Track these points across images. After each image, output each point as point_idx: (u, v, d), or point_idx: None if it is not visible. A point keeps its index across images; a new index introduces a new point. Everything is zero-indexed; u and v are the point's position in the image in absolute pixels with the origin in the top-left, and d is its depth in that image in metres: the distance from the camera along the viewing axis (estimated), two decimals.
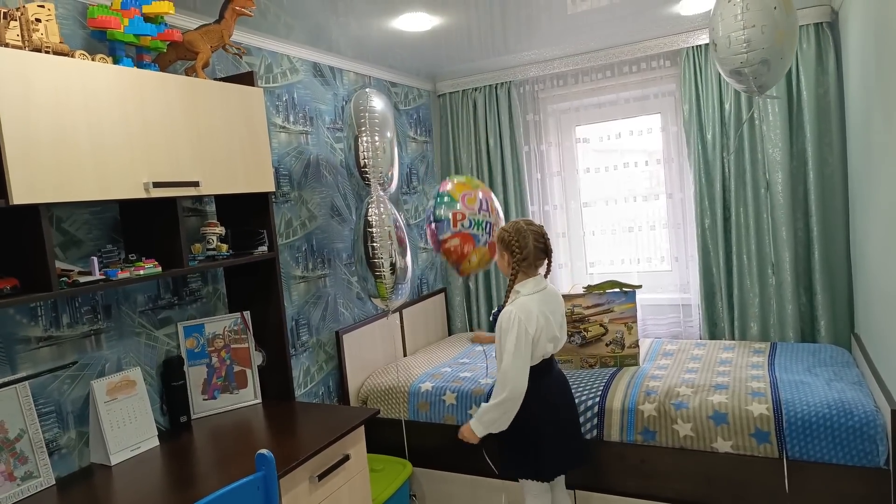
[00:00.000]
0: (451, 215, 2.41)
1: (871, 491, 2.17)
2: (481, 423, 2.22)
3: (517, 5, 2.69)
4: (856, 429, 2.19)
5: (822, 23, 3.07)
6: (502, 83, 3.92)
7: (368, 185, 2.76)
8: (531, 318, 2.17)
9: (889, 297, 2.14)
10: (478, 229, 2.41)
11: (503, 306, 2.27)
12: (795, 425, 2.29)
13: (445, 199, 2.50)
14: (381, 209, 2.74)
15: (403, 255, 2.81)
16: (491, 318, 2.50)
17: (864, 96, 2.46)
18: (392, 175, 2.82)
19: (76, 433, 1.93)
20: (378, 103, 2.77)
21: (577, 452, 2.36)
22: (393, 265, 2.73)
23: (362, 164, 2.73)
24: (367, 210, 2.75)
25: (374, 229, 2.71)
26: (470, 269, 2.77)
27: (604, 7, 2.84)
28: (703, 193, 3.45)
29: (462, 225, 2.40)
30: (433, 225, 2.44)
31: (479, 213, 2.49)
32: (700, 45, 3.38)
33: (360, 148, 2.71)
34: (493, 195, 2.61)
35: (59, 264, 1.76)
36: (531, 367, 2.20)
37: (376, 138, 2.72)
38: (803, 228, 3.26)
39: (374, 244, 2.70)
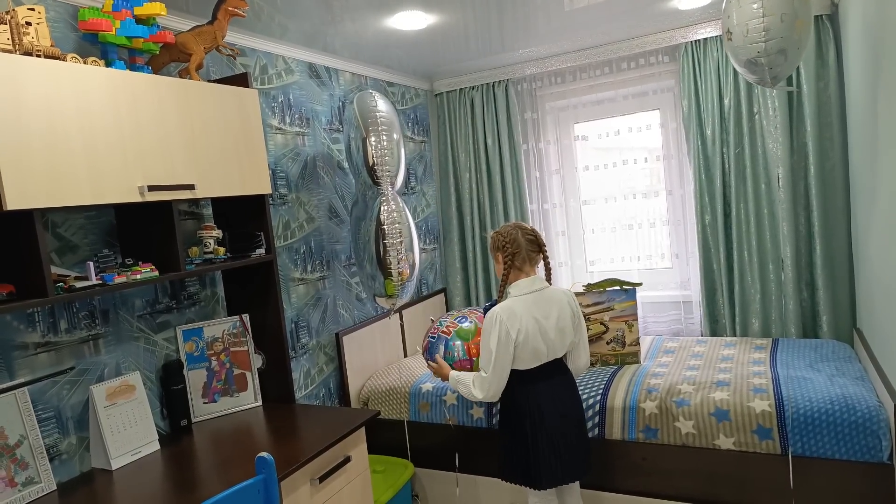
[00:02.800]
0: (465, 347, 2.48)
1: (875, 486, 2.16)
2: (453, 384, 2.31)
3: (514, 3, 2.68)
4: (859, 424, 2.18)
5: (821, 15, 3.05)
6: (500, 81, 3.91)
7: (379, 185, 2.79)
8: (514, 319, 2.11)
9: (891, 291, 2.12)
10: None
11: (497, 301, 2.25)
12: (798, 421, 2.28)
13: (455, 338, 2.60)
14: (394, 206, 2.78)
15: (412, 251, 2.85)
16: (482, 311, 2.48)
17: (864, 89, 2.45)
18: (399, 172, 2.87)
19: (76, 438, 1.92)
20: (383, 104, 2.84)
21: (578, 465, 2.22)
22: (402, 262, 2.78)
23: (371, 163, 2.76)
24: (380, 208, 2.78)
25: (386, 227, 2.74)
26: None
27: (601, 3, 2.83)
28: (703, 189, 3.43)
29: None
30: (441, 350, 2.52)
31: None
32: (699, 40, 3.36)
33: (370, 148, 2.75)
34: None
35: (55, 270, 1.75)
36: (523, 371, 2.17)
37: (384, 138, 2.77)
38: (804, 223, 3.24)
39: (387, 241, 2.73)
